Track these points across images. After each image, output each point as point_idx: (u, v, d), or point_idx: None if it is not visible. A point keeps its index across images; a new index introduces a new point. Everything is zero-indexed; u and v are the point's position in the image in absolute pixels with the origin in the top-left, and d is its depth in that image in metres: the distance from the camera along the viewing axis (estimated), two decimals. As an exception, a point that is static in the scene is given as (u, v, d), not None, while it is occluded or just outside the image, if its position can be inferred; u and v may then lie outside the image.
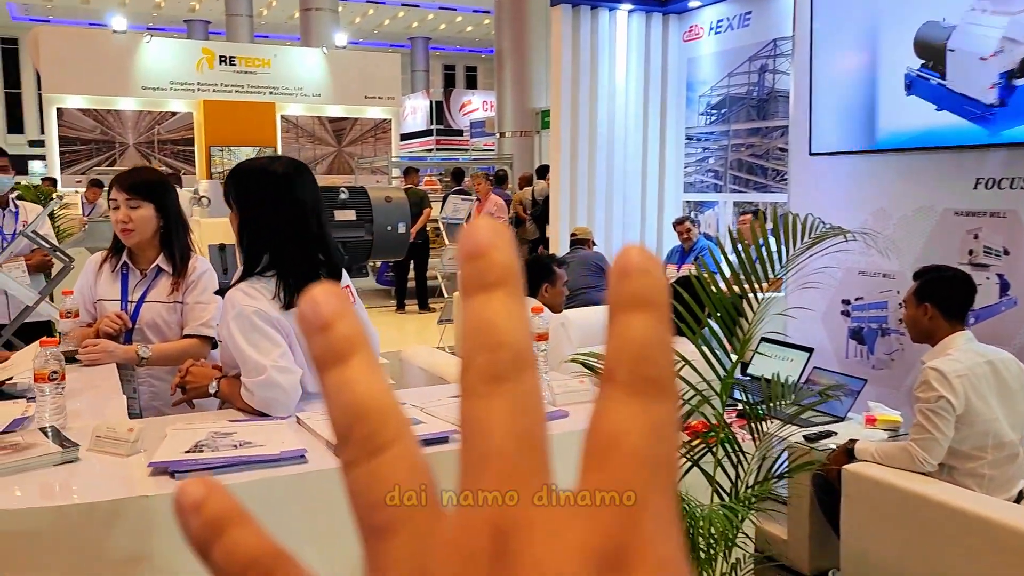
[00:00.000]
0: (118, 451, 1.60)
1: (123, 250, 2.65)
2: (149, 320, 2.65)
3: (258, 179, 2.03)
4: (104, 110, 13.17)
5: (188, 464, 1.51)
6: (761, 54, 7.44)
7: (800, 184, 4.90)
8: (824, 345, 4.75)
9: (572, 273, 6.13)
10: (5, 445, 1.60)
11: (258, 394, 1.86)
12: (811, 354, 3.95)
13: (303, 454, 1.58)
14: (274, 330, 1.92)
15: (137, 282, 2.67)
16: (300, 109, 14.63)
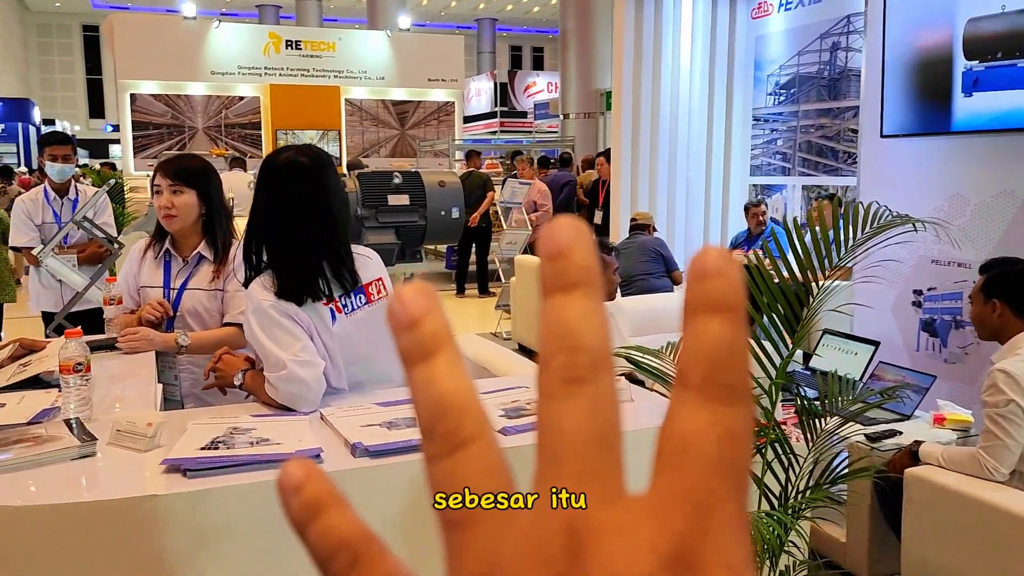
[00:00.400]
0: (136, 446, 1.58)
1: (166, 237, 2.66)
2: (190, 308, 2.66)
3: (264, 174, 2.00)
4: (175, 95, 13.47)
5: (201, 463, 1.47)
6: (833, 31, 7.13)
7: (870, 168, 4.67)
8: (894, 338, 4.53)
9: (630, 259, 6.02)
10: (28, 437, 1.59)
11: (281, 389, 1.83)
12: (876, 348, 3.77)
13: (318, 453, 1.54)
14: (294, 323, 1.88)
15: (179, 269, 2.67)
16: (364, 92, 14.72)
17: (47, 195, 4.13)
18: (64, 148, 4.13)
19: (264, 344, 1.87)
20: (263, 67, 13.84)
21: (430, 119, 15.18)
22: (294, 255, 1.94)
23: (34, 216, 4.03)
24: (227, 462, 1.49)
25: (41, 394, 1.94)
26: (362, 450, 1.54)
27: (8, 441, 1.56)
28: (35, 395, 1.93)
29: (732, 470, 0.22)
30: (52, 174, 4.09)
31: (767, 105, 7.77)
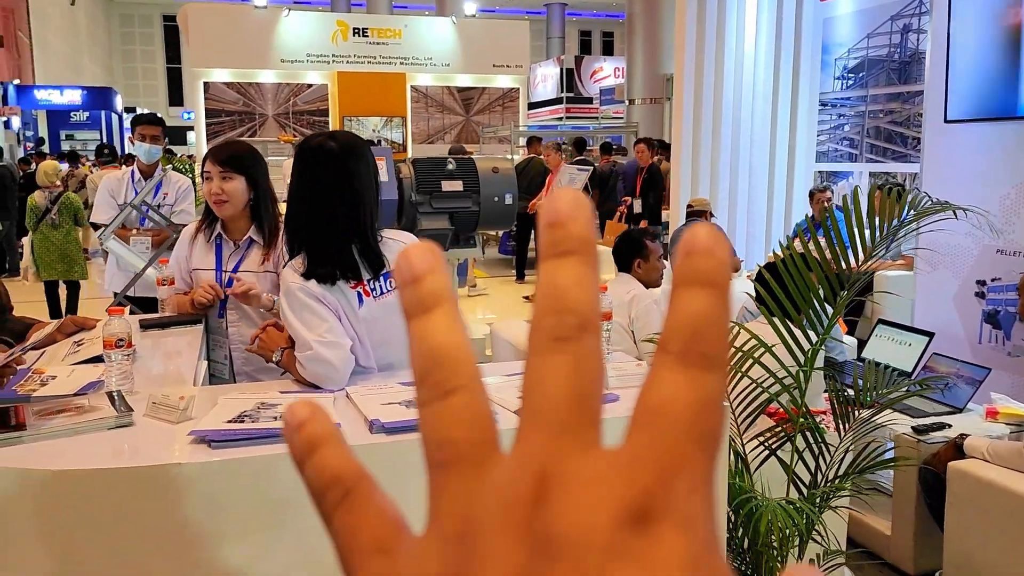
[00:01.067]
0: (169, 418, 1.67)
1: (216, 221, 2.77)
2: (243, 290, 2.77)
3: (298, 157, 2.08)
4: (246, 83, 13.84)
5: (225, 434, 1.55)
6: (904, 12, 6.91)
7: (934, 154, 4.54)
8: (955, 329, 4.41)
9: (685, 246, 5.97)
10: (71, 407, 1.70)
11: (308, 368, 1.90)
12: (930, 339, 3.67)
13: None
14: (320, 304, 1.95)
15: (231, 253, 2.78)
16: (430, 79, 14.86)
17: (133, 176, 4.11)
18: (154, 128, 4.13)
19: (294, 325, 1.95)
20: (331, 55, 14.09)
21: (495, 105, 15.24)
22: (320, 238, 2.01)
23: (117, 195, 4.01)
24: (249, 434, 1.56)
25: (89, 368, 2.06)
26: (379, 426, 1.61)
27: (53, 410, 1.67)
28: (84, 369, 2.05)
29: (703, 432, 0.22)
30: (140, 154, 4.07)
31: (834, 89, 7.58)
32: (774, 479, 2.26)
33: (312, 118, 14.19)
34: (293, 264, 2.02)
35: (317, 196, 2.02)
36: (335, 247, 2.01)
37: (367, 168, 2.07)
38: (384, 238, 2.14)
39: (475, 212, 5.20)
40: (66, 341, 2.32)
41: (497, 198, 5.24)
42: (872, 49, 7.23)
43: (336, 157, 2.02)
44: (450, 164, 5.18)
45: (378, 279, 2.06)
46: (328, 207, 2.01)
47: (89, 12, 29.49)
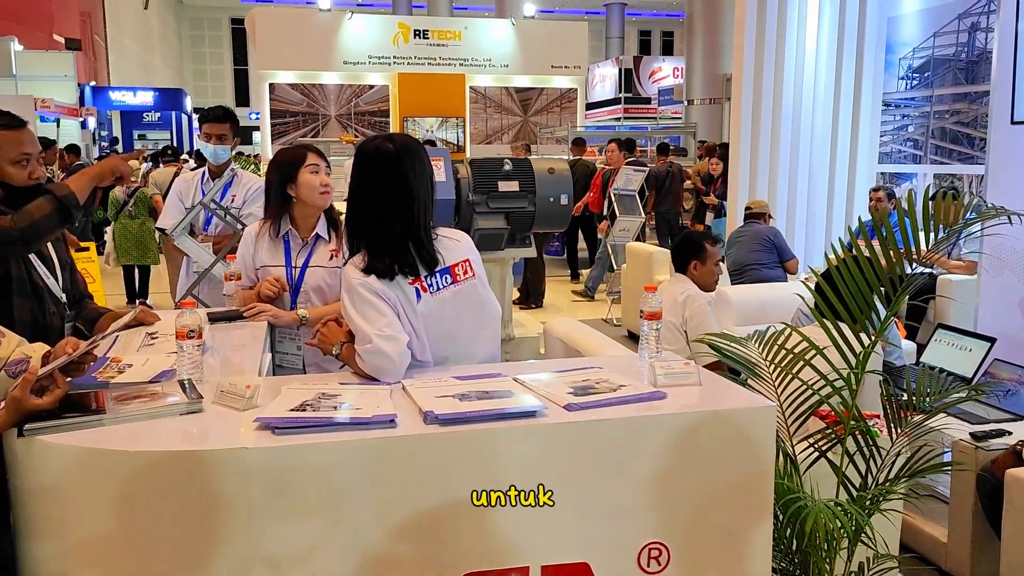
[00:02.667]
0: (236, 405, 1.76)
1: (283, 217, 2.87)
2: (314, 284, 2.88)
3: (359, 157, 2.16)
4: (310, 84, 14.14)
5: (288, 422, 1.63)
6: (972, 11, 6.75)
7: (1000, 155, 4.43)
8: (1020, 335, 4.30)
9: (742, 248, 5.94)
10: (146, 394, 1.80)
11: (367, 361, 1.98)
12: (992, 344, 3.60)
13: (393, 419, 1.67)
14: (380, 300, 2.02)
15: (300, 248, 2.89)
16: (488, 80, 14.97)
17: (203, 178, 3.90)
18: (220, 127, 3.80)
19: (354, 319, 2.03)
20: (392, 56, 14.30)
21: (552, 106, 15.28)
22: (378, 235, 2.08)
23: (185, 198, 3.84)
24: (310, 422, 1.64)
25: (163, 357, 2.16)
26: (432, 418, 1.67)
27: (129, 396, 1.77)
28: (158, 358, 2.16)
29: None
30: (207, 155, 3.84)
31: (898, 89, 7.43)
32: (824, 481, 2.26)
33: (373, 119, 14.42)
34: (354, 261, 2.09)
35: (374, 196, 2.10)
36: (393, 244, 2.08)
37: (422, 168, 2.14)
38: (439, 236, 2.21)
39: (531, 212, 5.25)
40: (140, 331, 2.44)
41: (552, 198, 5.28)
42: (938, 48, 7.07)
43: (392, 159, 2.10)
44: (507, 165, 5.24)
45: (434, 275, 2.13)
46: (384, 206, 2.08)
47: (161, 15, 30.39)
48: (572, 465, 1.70)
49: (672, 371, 1.93)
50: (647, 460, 1.73)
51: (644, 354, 2.11)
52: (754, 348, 2.44)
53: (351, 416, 1.68)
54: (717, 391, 1.97)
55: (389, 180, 2.09)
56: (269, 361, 2.47)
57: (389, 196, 2.09)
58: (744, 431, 1.80)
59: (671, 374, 1.92)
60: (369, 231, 2.10)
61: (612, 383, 1.92)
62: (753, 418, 1.81)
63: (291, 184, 2.81)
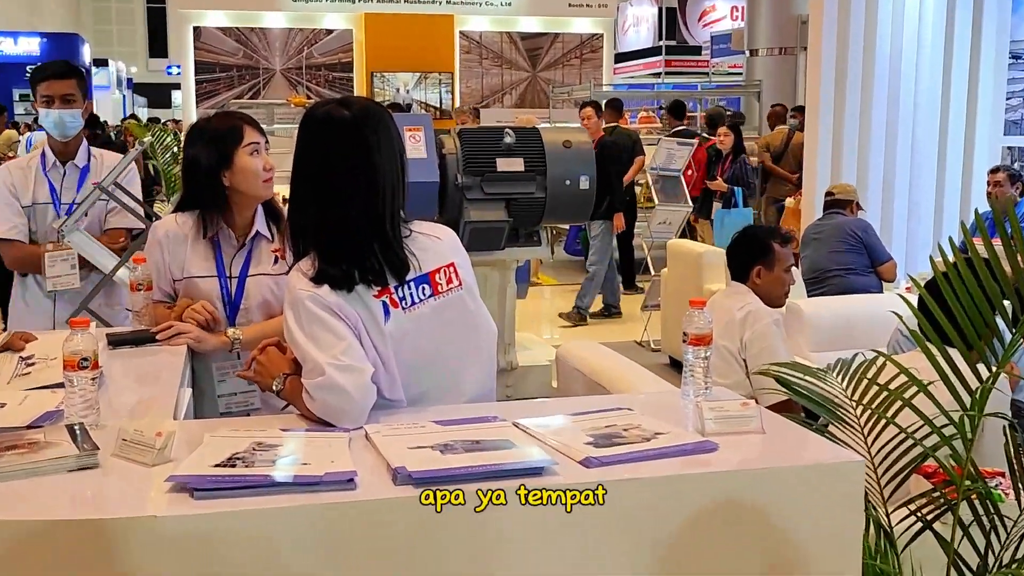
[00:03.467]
0: (142, 459, 1.75)
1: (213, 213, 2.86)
2: (258, 299, 2.88)
3: (306, 130, 2.16)
4: (247, 28, 14.19)
5: (212, 481, 1.63)
6: None
7: None
8: None
9: (821, 248, 5.95)
10: (23, 443, 1.80)
11: (318, 399, 1.97)
12: None
13: (352, 478, 1.66)
14: (335, 318, 2.02)
15: (235, 252, 2.89)
16: (485, 23, 15.02)
17: (44, 162, 3.60)
18: (63, 84, 3.47)
19: (301, 344, 2.03)
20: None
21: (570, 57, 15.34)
22: (332, 231, 2.09)
23: (21, 194, 3.55)
24: (241, 482, 1.63)
25: (47, 394, 2.16)
26: (404, 476, 1.66)
27: (1, 446, 1.77)
28: (40, 395, 2.16)
29: None
30: (48, 126, 3.52)
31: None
32: (929, 562, 2.25)
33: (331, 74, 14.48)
34: (300, 267, 2.10)
35: (326, 179, 2.10)
36: (351, 243, 2.08)
37: (389, 141, 2.15)
38: (414, 233, 2.21)
39: (540, 200, 5.27)
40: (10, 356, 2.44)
41: (569, 181, 5.30)
42: (1084, -18, 7.09)
43: (349, 127, 2.11)
44: (508, 136, 5.26)
45: (407, 285, 2.13)
46: (340, 192, 2.09)
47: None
48: (592, 540, 1.69)
49: (726, 414, 1.93)
50: (690, 534, 1.73)
51: (689, 391, 2.11)
52: (836, 383, 2.43)
53: (296, 474, 1.67)
54: (786, 441, 1.97)
55: (345, 157, 2.10)
56: (189, 399, 2.47)
57: (345, 178, 2.09)
58: (822, 495, 1.79)
59: (724, 418, 1.92)
60: (319, 226, 2.11)
61: (645, 430, 1.91)
62: (834, 477, 1.81)
63: (224, 169, 2.81)
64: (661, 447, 1.83)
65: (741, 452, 1.86)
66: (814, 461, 1.86)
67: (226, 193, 2.83)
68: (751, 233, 4.16)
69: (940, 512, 2.28)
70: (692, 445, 1.85)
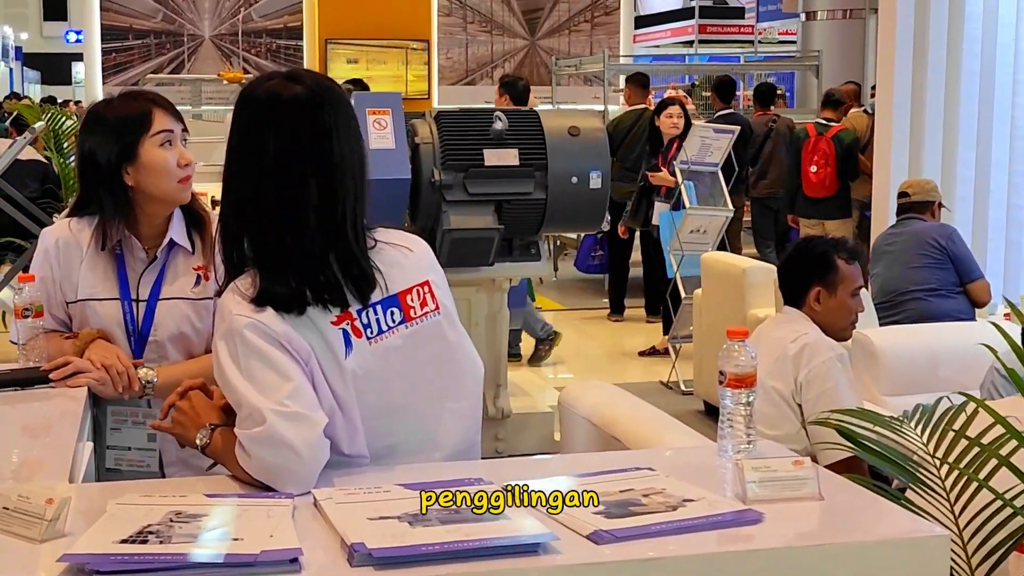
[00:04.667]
0: (29, 533, 1.74)
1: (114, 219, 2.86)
2: (171, 329, 2.87)
3: (245, 114, 2.16)
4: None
5: (117, 561, 1.61)
6: None
7: None
8: None
9: (895, 263, 5.97)
10: None
11: (255, 456, 1.96)
12: None
13: (296, 557, 1.65)
14: (282, 352, 2.02)
15: (144, 269, 2.89)
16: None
17: None
18: None
19: (235, 386, 2.01)
20: (306, -63, 14.42)
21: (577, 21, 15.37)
22: (278, 241, 2.09)
23: None
24: (154, 563, 1.62)
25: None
26: (363, 555, 1.65)
27: None
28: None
29: None
30: None
31: None
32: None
33: (274, 42, 14.49)
34: (237, 286, 2.09)
35: (271, 172, 2.10)
36: (302, 253, 2.08)
37: (347, 127, 2.16)
38: (380, 243, 2.21)
39: (540, 202, 5.27)
40: None
41: (576, 179, 5.30)
42: None
43: (301, 109, 2.11)
44: (498, 121, 5.26)
45: (371, 309, 2.13)
46: (289, 189, 2.09)
47: None
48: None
49: (774, 475, 1.93)
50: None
51: (727, 445, 2.11)
52: (915, 435, 2.44)
53: (224, 552, 1.66)
54: (850, 510, 1.96)
55: (295, 144, 2.10)
56: (90, 455, 2.46)
57: (295, 171, 2.09)
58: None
59: (771, 481, 1.92)
60: (260, 232, 2.11)
61: (671, 496, 1.91)
62: (912, 555, 1.81)
63: (127, 164, 2.81)
64: (692, 518, 1.83)
65: (793, 525, 1.86)
66: (886, 536, 1.86)
67: (130, 195, 2.82)
68: (809, 246, 4.16)
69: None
70: (731, 516, 1.85)
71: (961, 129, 7.36)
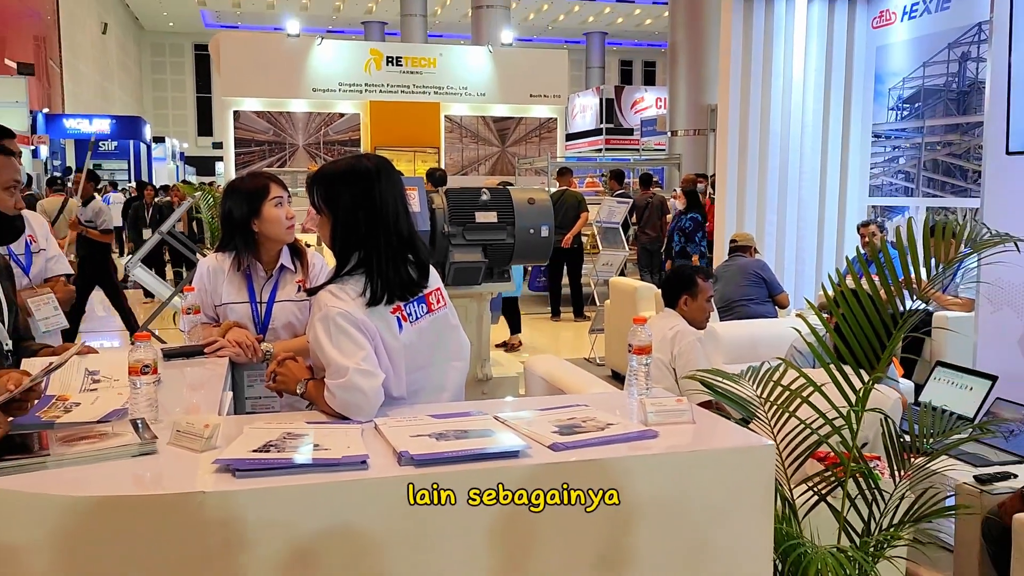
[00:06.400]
0: (193, 446, 1.70)
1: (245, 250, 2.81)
2: (283, 320, 2.83)
3: (346, 180, 2.11)
4: (277, 112, 14.14)
5: (250, 463, 1.58)
6: (963, 40, 6.90)
7: (996, 187, 4.49)
8: (1020, 372, 4.32)
9: (728, 283, 5.95)
10: (94, 434, 1.74)
11: (339, 396, 1.93)
12: (993, 383, 3.60)
13: (364, 459, 1.62)
14: (359, 332, 1.98)
15: (264, 282, 2.84)
16: (464, 109, 15.06)
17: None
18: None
19: (328, 352, 1.97)
20: (364, 84, 14.37)
21: (531, 136, 15.38)
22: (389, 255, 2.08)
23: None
24: (274, 464, 1.58)
25: (114, 395, 2.10)
26: (407, 458, 1.62)
27: (76, 437, 1.71)
28: (108, 396, 2.09)
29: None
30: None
31: (888, 120, 7.56)
32: (824, 527, 2.23)
33: (343, 148, 14.43)
34: (333, 290, 2.05)
35: (375, 208, 2.08)
36: (394, 264, 2.09)
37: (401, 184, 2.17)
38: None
39: (510, 244, 5.22)
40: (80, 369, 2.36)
41: (533, 230, 5.26)
42: (928, 78, 7.21)
43: (380, 170, 2.12)
44: (484, 195, 5.22)
45: (412, 303, 2.11)
46: (386, 217, 2.09)
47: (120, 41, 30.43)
48: (558, 509, 1.65)
49: (664, 408, 1.90)
50: (638, 503, 1.69)
51: (633, 391, 2.08)
52: (748, 385, 2.42)
53: (319, 457, 1.62)
54: (712, 430, 1.94)
55: (385, 191, 2.10)
56: (231, 400, 2.41)
57: (388, 207, 2.10)
58: (742, 472, 1.77)
59: (663, 411, 1.89)
60: (384, 256, 2.09)
61: (600, 421, 1.88)
62: (752, 458, 1.79)
63: (254, 218, 2.77)
64: (613, 435, 1.80)
65: (677, 438, 1.83)
66: (736, 445, 1.83)
67: (256, 237, 2.79)
68: (681, 270, 4.16)
69: (832, 487, 2.26)
70: (638, 433, 1.82)
71: (767, 201, 7.41)
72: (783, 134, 7.43)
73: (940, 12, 7.08)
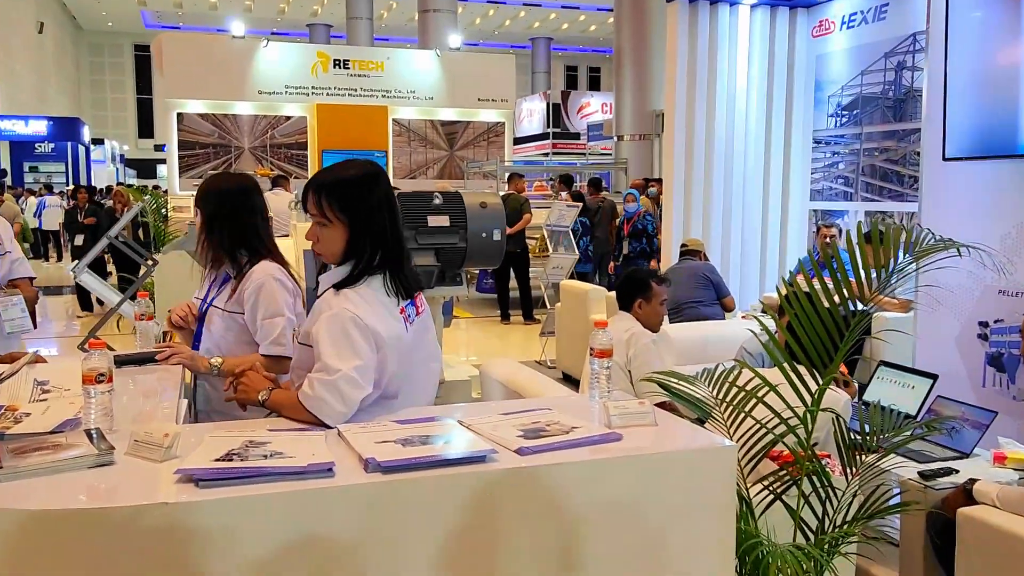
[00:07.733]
0: (152, 456, 1.65)
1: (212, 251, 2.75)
2: (208, 324, 2.74)
3: (365, 184, 2.08)
4: (221, 114, 13.88)
5: (213, 473, 1.54)
6: (898, 50, 7.09)
7: (933, 192, 4.62)
8: (958, 371, 4.45)
9: (679, 286, 6.01)
10: (47, 445, 1.68)
11: (316, 391, 1.88)
12: (934, 381, 3.70)
13: (331, 467, 1.59)
14: (364, 341, 1.94)
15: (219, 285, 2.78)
16: (412, 112, 14.98)
17: None
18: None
19: (324, 348, 1.93)
20: (311, 87, 14.18)
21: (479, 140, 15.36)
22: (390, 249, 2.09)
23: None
24: (238, 473, 1.55)
25: (65, 405, 2.04)
26: (375, 465, 1.60)
27: (28, 448, 1.65)
28: (59, 406, 2.03)
29: None
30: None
31: (828, 127, 7.73)
32: (780, 524, 2.26)
33: (290, 151, 14.23)
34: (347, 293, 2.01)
35: (380, 212, 2.09)
36: (409, 261, 2.15)
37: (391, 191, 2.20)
38: None
39: (462, 248, 5.20)
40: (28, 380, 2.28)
41: (485, 234, 5.24)
42: (866, 86, 7.39)
43: (383, 178, 2.13)
44: (436, 198, 5.20)
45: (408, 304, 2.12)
46: (396, 226, 2.14)
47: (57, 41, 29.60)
48: (525, 513, 1.65)
49: (626, 411, 1.91)
50: (603, 505, 1.70)
51: (595, 394, 2.09)
52: (704, 387, 2.44)
53: (284, 465, 1.59)
54: (674, 431, 1.95)
55: (387, 197, 2.11)
56: (187, 406, 2.35)
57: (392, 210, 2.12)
58: (705, 473, 1.78)
59: (625, 414, 1.90)
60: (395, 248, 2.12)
61: (564, 425, 1.88)
62: (715, 459, 1.80)
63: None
64: (578, 438, 1.80)
65: (640, 441, 1.84)
66: (699, 446, 1.85)
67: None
68: (635, 274, 4.18)
69: (787, 486, 2.29)
70: (601, 436, 1.83)
71: (713, 208, 7.50)
72: (728, 139, 7.54)
73: (877, 22, 7.27)
